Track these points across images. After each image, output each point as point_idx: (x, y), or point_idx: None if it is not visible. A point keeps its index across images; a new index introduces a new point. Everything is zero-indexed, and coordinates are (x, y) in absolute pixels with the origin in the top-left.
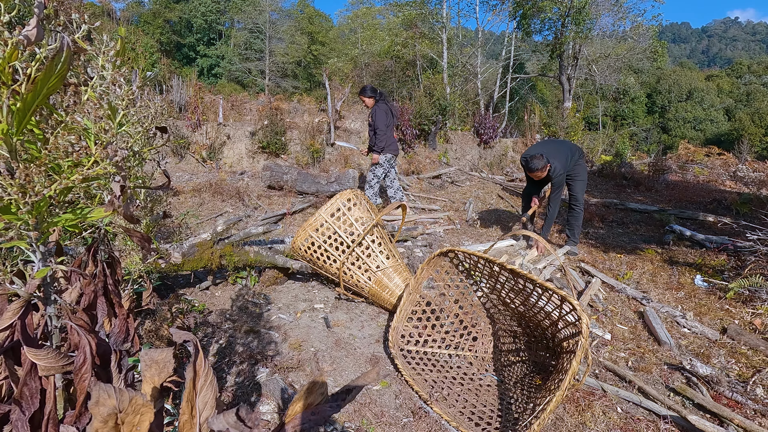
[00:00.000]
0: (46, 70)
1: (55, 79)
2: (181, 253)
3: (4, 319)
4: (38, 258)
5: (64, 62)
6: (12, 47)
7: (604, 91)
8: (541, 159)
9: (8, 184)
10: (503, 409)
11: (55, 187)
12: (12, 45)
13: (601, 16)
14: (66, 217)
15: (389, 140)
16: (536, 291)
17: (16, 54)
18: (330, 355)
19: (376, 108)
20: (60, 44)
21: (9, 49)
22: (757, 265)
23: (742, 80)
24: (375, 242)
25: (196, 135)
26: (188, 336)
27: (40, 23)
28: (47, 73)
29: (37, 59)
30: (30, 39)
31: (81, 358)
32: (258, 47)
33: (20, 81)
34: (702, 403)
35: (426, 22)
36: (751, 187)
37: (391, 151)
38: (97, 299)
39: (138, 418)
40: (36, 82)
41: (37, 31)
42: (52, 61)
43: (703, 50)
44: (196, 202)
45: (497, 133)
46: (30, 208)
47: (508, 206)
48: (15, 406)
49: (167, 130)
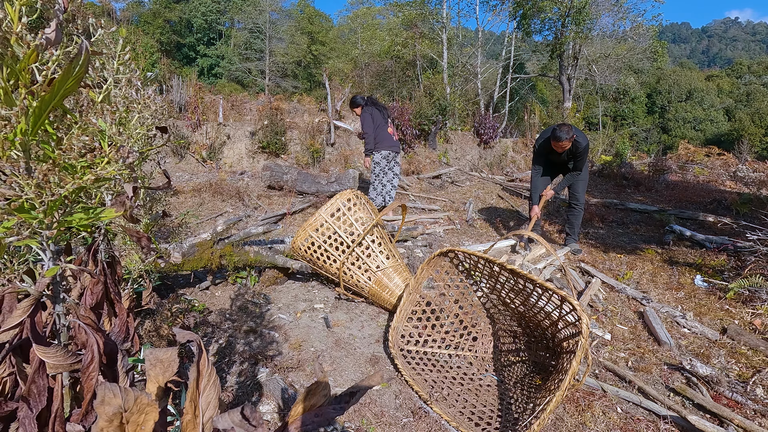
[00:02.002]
0: (63, 72)
1: (72, 81)
2: (181, 252)
3: (14, 316)
4: (48, 257)
5: (82, 65)
6: (32, 49)
7: (604, 91)
8: (569, 129)
9: (26, 183)
10: (503, 409)
11: (69, 186)
12: (33, 47)
13: (601, 16)
14: (78, 216)
15: (382, 138)
16: (536, 291)
17: (35, 56)
18: (330, 355)
19: (363, 113)
20: (79, 48)
21: (29, 51)
22: (757, 265)
23: (742, 80)
24: (375, 242)
25: (196, 135)
26: (192, 336)
27: (59, 26)
28: (65, 75)
29: (54, 61)
30: (50, 41)
31: (89, 357)
32: (258, 47)
33: (38, 83)
34: (702, 403)
35: (426, 22)
36: (751, 187)
37: (386, 147)
38: (103, 298)
39: (143, 418)
40: (53, 84)
41: (56, 34)
42: (70, 64)
43: (703, 50)
44: (196, 202)
45: (497, 133)
46: (45, 208)
47: (508, 206)
48: (23, 404)
49: (167, 130)
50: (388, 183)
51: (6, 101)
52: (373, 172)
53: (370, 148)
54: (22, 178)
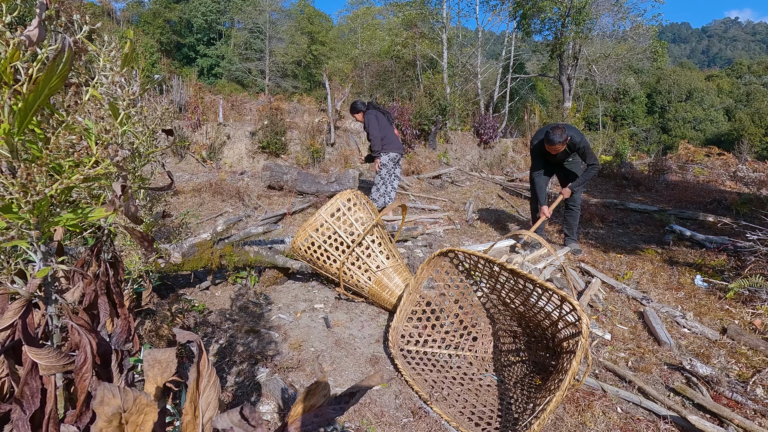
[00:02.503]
0: (47, 71)
1: (57, 79)
2: (181, 252)
3: (6, 318)
4: (39, 257)
5: (65, 63)
6: (14, 48)
7: (604, 91)
8: (562, 132)
9: (10, 183)
10: (503, 409)
11: (56, 186)
12: (14, 45)
13: (601, 16)
14: (67, 216)
15: (389, 139)
16: (536, 291)
17: (18, 54)
18: (330, 355)
19: (366, 116)
20: (61, 45)
21: (11, 50)
22: (757, 265)
23: (742, 80)
24: (375, 242)
25: (196, 135)
26: (192, 336)
27: (41, 24)
28: (49, 73)
29: (38, 59)
30: (32, 39)
31: (82, 358)
32: (258, 47)
33: (22, 81)
34: (702, 403)
35: (426, 22)
36: (751, 187)
37: (393, 149)
38: (98, 299)
39: (142, 418)
40: (37, 83)
41: (39, 32)
42: (53, 62)
43: (703, 50)
44: (196, 202)
45: (497, 133)
46: (31, 208)
47: (508, 206)
48: (16, 406)
49: (173, 133)
50: (389, 184)
51: None
52: (379, 173)
53: (377, 149)
54: (6, 178)
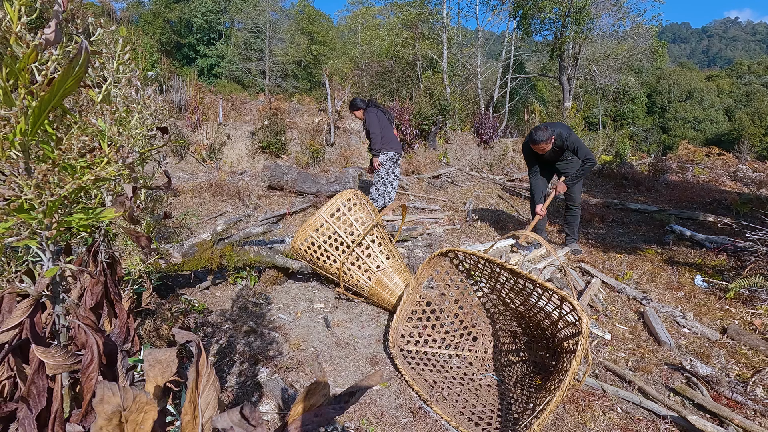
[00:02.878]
0: (63, 72)
1: (72, 81)
2: (181, 253)
3: (14, 317)
4: (48, 257)
5: (81, 65)
6: (31, 49)
7: (604, 91)
8: (545, 130)
9: (25, 183)
10: (503, 409)
11: (68, 187)
12: (32, 47)
13: (601, 16)
14: (78, 216)
15: (388, 139)
16: (536, 291)
17: (34, 56)
18: (330, 355)
19: (366, 114)
20: (79, 47)
21: (28, 51)
22: (757, 265)
23: (742, 80)
24: (375, 242)
25: (196, 135)
26: (191, 336)
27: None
28: (64, 75)
29: (54, 60)
30: (49, 41)
31: (88, 357)
32: (258, 47)
33: (38, 83)
34: (702, 403)
35: (426, 22)
36: (751, 187)
37: (392, 149)
38: (103, 298)
39: (142, 416)
40: (53, 84)
41: (56, 34)
42: (70, 64)
43: (703, 50)
44: (196, 202)
45: (497, 133)
46: (45, 208)
47: (508, 206)
48: (22, 404)
49: (168, 131)
50: (389, 184)
51: (5, 101)
52: (378, 173)
53: (378, 148)
54: (22, 179)
